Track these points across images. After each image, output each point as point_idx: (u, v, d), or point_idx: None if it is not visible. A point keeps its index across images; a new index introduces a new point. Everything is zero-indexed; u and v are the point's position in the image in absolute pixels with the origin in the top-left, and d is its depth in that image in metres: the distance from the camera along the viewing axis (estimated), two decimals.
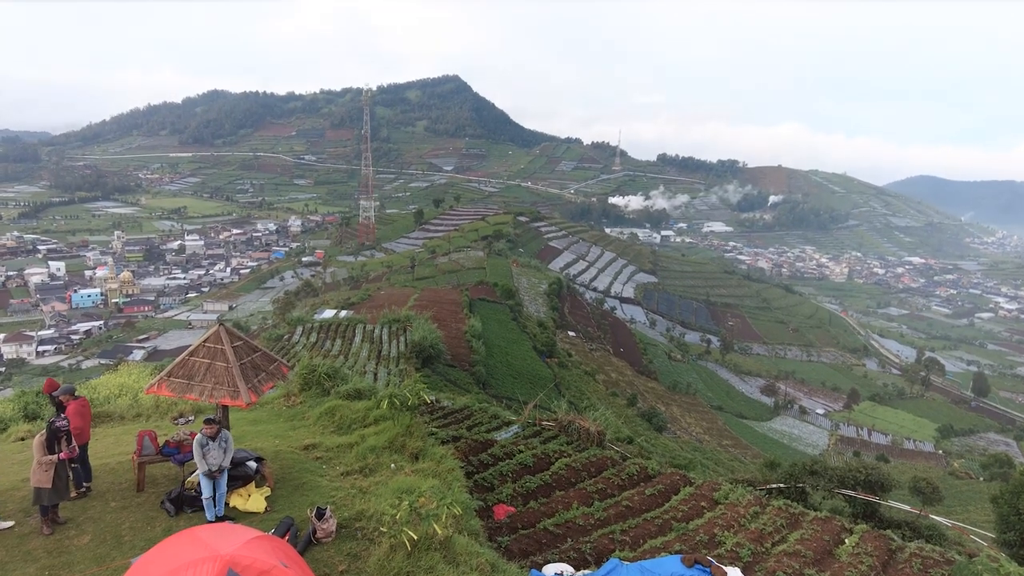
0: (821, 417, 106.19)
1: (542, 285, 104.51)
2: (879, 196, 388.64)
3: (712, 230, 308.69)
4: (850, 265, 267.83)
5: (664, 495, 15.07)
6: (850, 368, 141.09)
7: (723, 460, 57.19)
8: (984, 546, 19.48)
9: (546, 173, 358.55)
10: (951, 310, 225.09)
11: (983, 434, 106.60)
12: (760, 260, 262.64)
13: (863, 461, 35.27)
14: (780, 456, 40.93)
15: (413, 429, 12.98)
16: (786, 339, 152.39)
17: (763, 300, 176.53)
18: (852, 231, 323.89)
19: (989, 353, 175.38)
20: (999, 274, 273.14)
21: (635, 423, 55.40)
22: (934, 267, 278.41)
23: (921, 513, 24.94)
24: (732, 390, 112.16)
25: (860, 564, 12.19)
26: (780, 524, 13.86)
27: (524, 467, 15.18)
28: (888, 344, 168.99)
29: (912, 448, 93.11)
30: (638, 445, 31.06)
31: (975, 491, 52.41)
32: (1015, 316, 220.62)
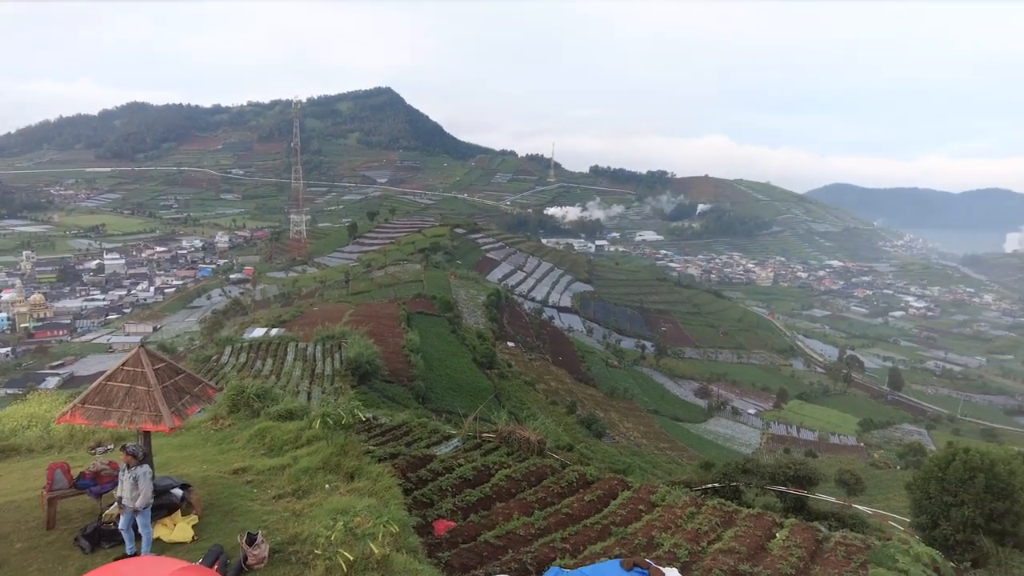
0: (753, 417, 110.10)
1: (481, 297, 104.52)
2: (800, 203, 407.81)
3: (644, 239, 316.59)
4: (775, 269, 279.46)
5: (603, 500, 15.26)
6: (778, 368, 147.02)
7: (661, 463, 58.40)
8: (900, 530, 20.60)
9: (482, 185, 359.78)
10: (868, 310, 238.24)
11: (899, 425, 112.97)
12: (690, 267, 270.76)
13: (792, 457, 36.80)
14: (715, 456, 42.27)
15: (348, 448, 12.71)
16: (717, 342, 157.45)
17: (694, 305, 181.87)
18: (776, 237, 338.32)
19: (902, 349, 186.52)
20: (908, 275, 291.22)
21: (575, 430, 55.91)
22: (852, 270, 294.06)
23: (845, 504, 26.16)
24: (667, 394, 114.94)
25: (790, 556, 12.65)
26: (715, 523, 14.25)
27: (464, 481, 15.08)
28: (813, 344, 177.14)
29: (837, 442, 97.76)
30: (578, 452, 31.34)
31: (893, 479, 55.46)
32: (923, 314, 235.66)
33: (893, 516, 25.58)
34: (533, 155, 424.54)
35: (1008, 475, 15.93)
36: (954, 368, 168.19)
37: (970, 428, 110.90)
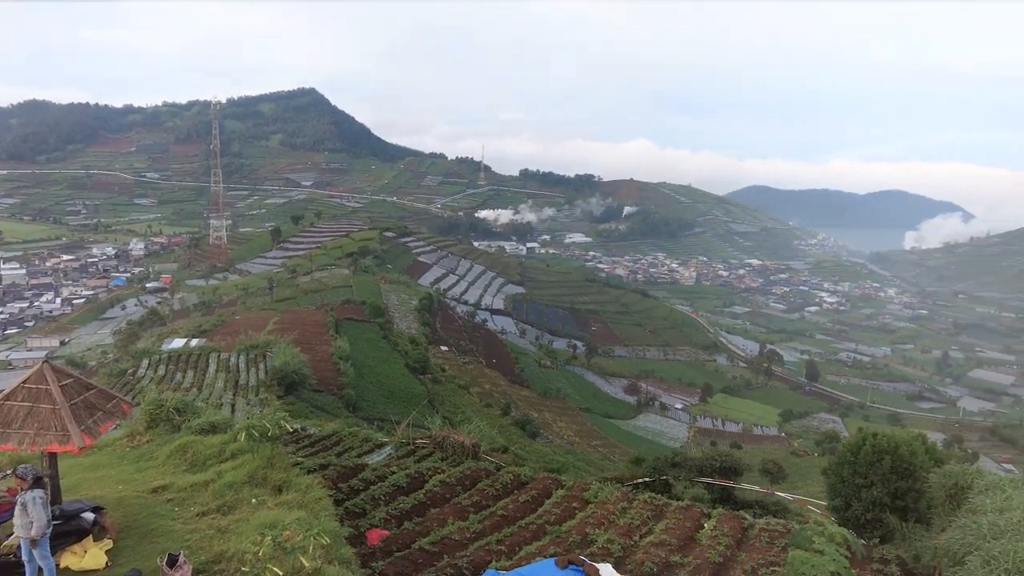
0: (680, 411, 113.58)
1: (412, 301, 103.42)
2: (721, 205, 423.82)
3: (574, 241, 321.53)
4: (698, 269, 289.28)
5: (538, 500, 15.40)
6: (703, 364, 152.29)
7: (594, 460, 59.40)
8: (818, 513, 21.71)
9: (412, 188, 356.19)
10: (785, 306, 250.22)
11: (816, 415, 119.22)
12: (618, 268, 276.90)
13: (718, 450, 38.15)
14: (645, 452, 43.29)
15: (275, 460, 12.31)
16: (645, 341, 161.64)
17: (622, 305, 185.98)
18: (699, 237, 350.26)
19: (818, 342, 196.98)
20: (822, 272, 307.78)
21: (510, 432, 56.11)
22: (770, 268, 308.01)
23: (768, 492, 27.36)
24: (599, 392, 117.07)
25: (718, 545, 13.12)
26: (647, 516, 14.62)
27: (398, 488, 14.88)
28: (735, 340, 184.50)
29: (760, 433, 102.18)
30: (513, 454, 31.47)
31: (812, 466, 58.36)
32: (835, 308, 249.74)
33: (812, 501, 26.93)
34: (463, 158, 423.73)
35: (910, 456, 17.03)
36: (863, 359, 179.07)
37: (878, 414, 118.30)
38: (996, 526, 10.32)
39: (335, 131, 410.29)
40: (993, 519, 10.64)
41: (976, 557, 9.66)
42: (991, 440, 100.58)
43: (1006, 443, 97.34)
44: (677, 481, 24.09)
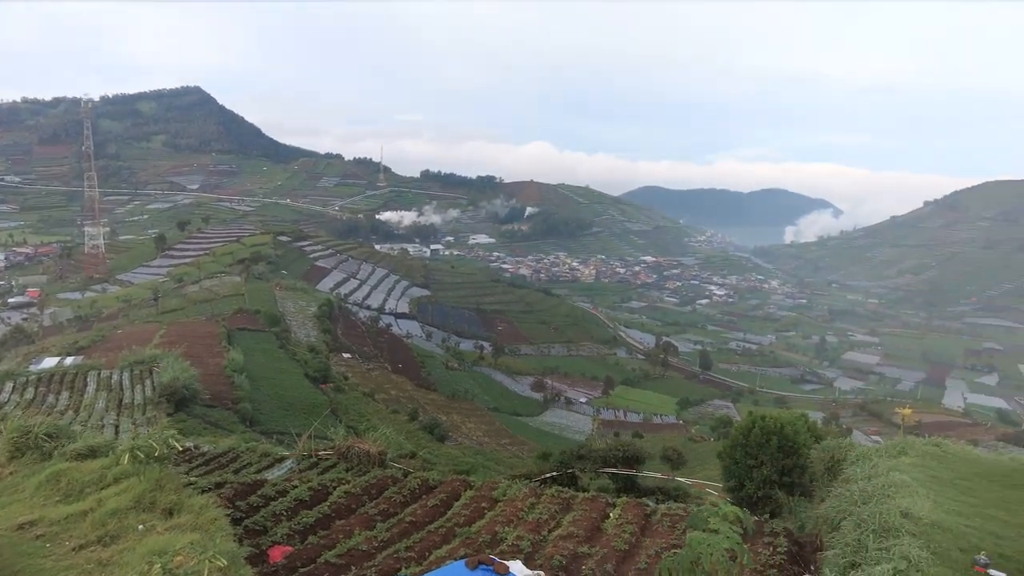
0: (584, 405, 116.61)
1: (311, 308, 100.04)
2: (616, 205, 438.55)
3: (478, 242, 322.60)
4: (597, 267, 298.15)
5: (447, 503, 15.30)
6: (605, 358, 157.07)
7: (503, 459, 59.80)
8: (715, 495, 22.89)
9: (307, 190, 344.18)
10: (679, 299, 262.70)
11: (711, 401, 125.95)
12: (521, 267, 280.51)
13: (621, 440, 39.53)
14: (552, 446, 44.11)
15: (164, 482, 11.49)
16: (550, 338, 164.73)
17: (527, 304, 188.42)
18: (596, 237, 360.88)
19: (709, 333, 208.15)
20: (711, 267, 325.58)
21: (418, 437, 55.48)
22: (663, 264, 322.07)
23: (669, 477, 28.58)
24: (506, 391, 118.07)
25: (623, 533, 13.55)
26: (555, 510, 14.86)
27: (300, 503, 14.32)
28: (633, 333, 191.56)
29: (660, 422, 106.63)
30: (421, 459, 31.10)
31: (709, 450, 61.50)
32: (724, 300, 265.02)
33: (710, 483, 28.36)
34: (362, 159, 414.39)
35: (794, 435, 18.34)
36: (751, 346, 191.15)
37: (766, 398, 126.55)
38: (865, 492, 11.32)
39: (223, 132, 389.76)
40: (863, 486, 11.68)
41: (849, 522, 10.56)
42: (862, 415, 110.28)
43: (874, 417, 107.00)
44: (583, 473, 24.71)
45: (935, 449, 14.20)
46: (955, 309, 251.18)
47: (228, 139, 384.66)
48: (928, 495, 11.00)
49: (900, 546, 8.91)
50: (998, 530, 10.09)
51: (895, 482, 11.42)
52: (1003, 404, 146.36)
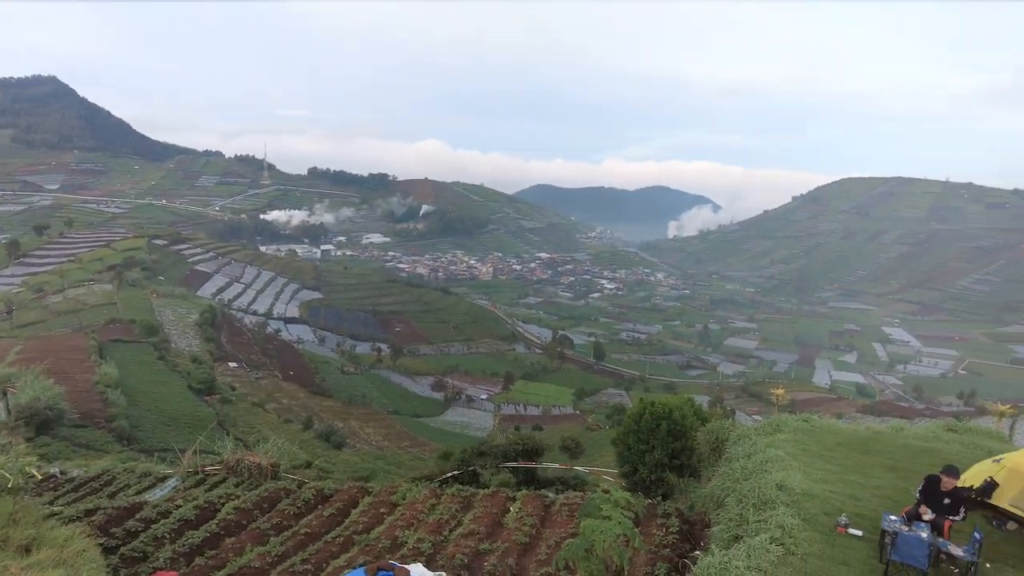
0: (485, 401, 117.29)
1: (192, 315, 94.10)
2: (511, 203, 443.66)
3: (372, 241, 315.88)
4: (494, 264, 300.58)
5: (344, 511, 14.88)
6: (504, 354, 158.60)
7: (405, 462, 58.96)
8: (611, 481, 23.70)
9: (184, 190, 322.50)
10: (573, 294, 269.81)
11: (605, 391, 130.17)
12: (418, 267, 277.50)
13: (521, 434, 39.92)
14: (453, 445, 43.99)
15: (19, 515, 10.36)
16: (449, 337, 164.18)
17: (425, 304, 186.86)
18: (493, 235, 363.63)
19: (602, 325, 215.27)
20: (601, 262, 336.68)
21: (313, 446, 53.62)
22: (557, 260, 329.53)
23: (567, 467, 29.29)
24: (406, 392, 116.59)
25: (524, 525, 13.73)
26: (455, 510, 14.82)
27: (185, 523, 13.42)
28: (531, 328, 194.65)
29: (558, 413, 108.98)
30: (317, 468, 30.09)
31: (605, 438, 63.55)
32: (615, 293, 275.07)
33: (606, 470, 29.31)
34: (244, 156, 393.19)
35: (682, 419, 19.28)
36: (641, 336, 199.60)
37: (657, 384, 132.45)
38: (745, 469, 12.15)
39: (86, 127, 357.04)
40: (743, 463, 12.53)
41: (732, 498, 11.29)
42: (743, 397, 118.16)
43: (755, 397, 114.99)
44: (484, 470, 24.80)
45: (804, 424, 15.45)
46: (821, 295, 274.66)
47: (92, 135, 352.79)
48: (799, 467, 11.96)
49: (776, 516, 9.62)
50: (856, 493, 11.14)
51: (771, 457, 12.32)
52: (861, 379, 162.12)
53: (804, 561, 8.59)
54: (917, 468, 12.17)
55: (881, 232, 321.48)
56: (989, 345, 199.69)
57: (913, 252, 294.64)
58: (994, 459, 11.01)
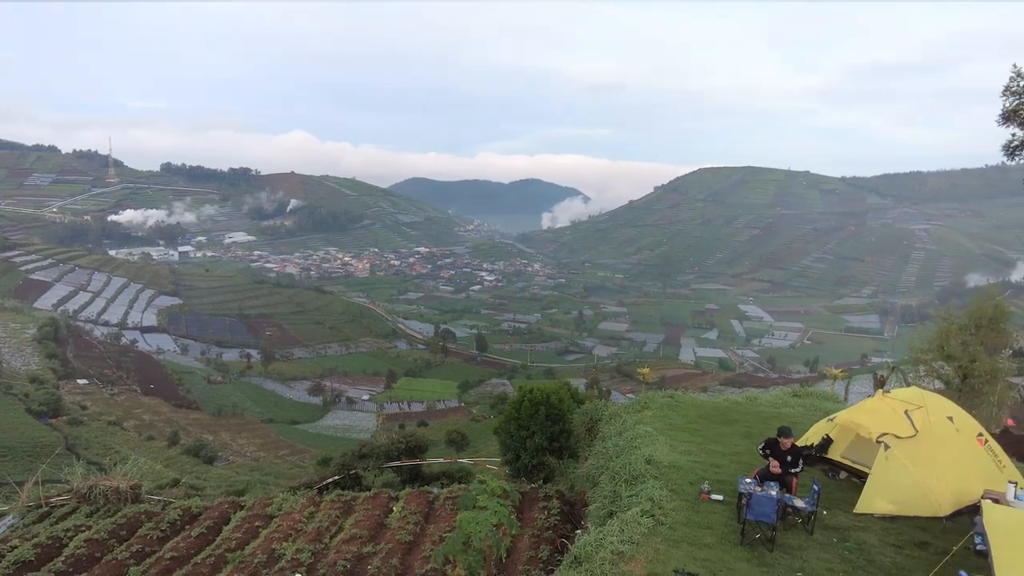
0: (367, 402, 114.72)
1: (28, 330, 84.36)
2: (386, 197, 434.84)
3: (235, 241, 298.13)
4: (371, 260, 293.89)
5: (215, 530, 13.99)
6: (385, 352, 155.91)
7: (283, 471, 56.54)
8: (496, 471, 24.03)
9: (11, 189, 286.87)
10: (453, 287, 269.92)
11: (489, 381, 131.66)
12: (288, 266, 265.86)
13: (404, 431, 39.45)
14: (334, 450, 42.69)
15: None
16: (325, 338, 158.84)
17: (297, 305, 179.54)
18: (368, 230, 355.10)
19: (483, 317, 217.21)
20: (480, 254, 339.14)
21: (181, 463, 50.04)
22: (436, 254, 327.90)
23: (452, 461, 29.35)
24: (281, 399, 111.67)
25: (407, 524, 13.60)
26: (335, 515, 14.39)
27: (24, 565, 12.02)
28: (412, 324, 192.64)
29: (443, 407, 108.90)
30: (185, 486, 28.12)
31: (490, 428, 64.39)
32: (494, 285, 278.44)
33: (491, 460, 29.71)
34: (84, 151, 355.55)
35: (559, 403, 19.92)
36: (521, 326, 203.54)
37: (538, 371, 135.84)
38: (617, 446, 12.76)
39: None
40: (615, 441, 13.15)
41: (605, 475, 11.83)
42: (618, 377, 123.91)
43: (627, 377, 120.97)
44: (367, 472, 24.29)
45: (670, 400, 16.47)
46: (683, 278, 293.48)
47: None
48: (666, 441, 12.74)
49: (646, 490, 10.20)
50: (717, 461, 12.06)
51: (640, 434, 13.02)
52: (723, 354, 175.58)
53: (672, 529, 9.18)
54: (769, 433, 13.34)
55: (734, 218, 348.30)
56: (828, 316, 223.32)
57: (762, 235, 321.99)
58: (828, 418, 12.34)
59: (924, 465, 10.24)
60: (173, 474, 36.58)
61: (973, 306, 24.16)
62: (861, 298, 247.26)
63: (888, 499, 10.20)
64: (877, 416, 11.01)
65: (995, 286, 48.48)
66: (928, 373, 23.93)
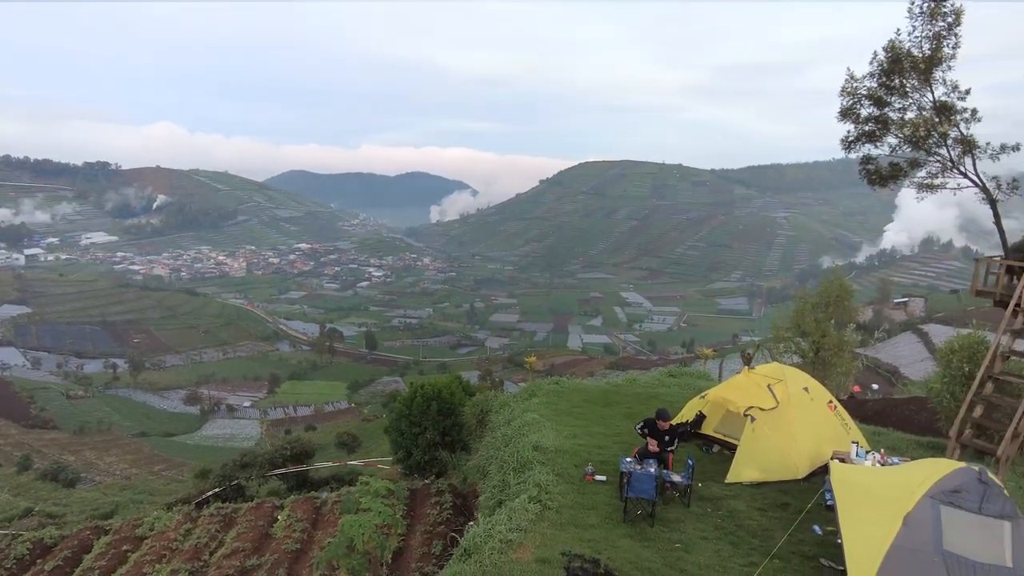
0: (250, 409, 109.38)
1: None
2: (262, 191, 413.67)
3: (93, 242, 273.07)
4: (247, 259, 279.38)
5: (74, 560, 12.77)
6: (267, 355, 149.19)
7: (158, 488, 52.62)
8: (387, 470, 23.66)
9: None
10: (339, 285, 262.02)
11: (380, 380, 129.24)
12: (156, 267, 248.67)
13: (290, 437, 37.98)
14: (215, 461, 40.28)
15: None
16: (200, 343, 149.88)
17: (168, 309, 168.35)
18: (243, 226, 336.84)
19: (372, 314, 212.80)
20: (367, 250, 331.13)
21: (35, 489, 45.29)
22: (319, 250, 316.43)
23: (341, 463, 28.59)
24: (153, 411, 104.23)
25: (294, 533, 13.08)
26: (215, 530, 13.59)
27: None
28: (295, 325, 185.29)
29: (332, 409, 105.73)
30: (40, 515, 25.61)
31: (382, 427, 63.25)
32: (383, 281, 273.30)
33: (382, 459, 29.19)
34: None
35: (450, 396, 19.91)
36: (412, 321, 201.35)
37: (430, 366, 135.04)
38: (506, 435, 12.92)
39: None
40: (504, 431, 13.31)
41: (494, 465, 11.95)
42: (510, 367, 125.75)
43: (519, 367, 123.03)
44: (250, 481, 23.16)
45: (555, 386, 16.91)
46: (569, 268, 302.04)
47: None
48: (552, 427, 13.05)
49: (533, 476, 10.40)
50: (600, 443, 12.52)
51: (528, 421, 13.26)
52: (607, 340, 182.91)
53: (559, 513, 9.42)
54: (648, 412, 14.03)
55: (614, 210, 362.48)
56: (701, 300, 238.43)
57: (640, 226, 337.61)
58: (700, 396, 13.15)
59: (784, 433, 11.18)
60: (25, 503, 33.00)
61: (823, 286, 26.65)
62: (731, 282, 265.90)
63: (755, 467, 11.04)
64: (744, 391, 11.88)
65: (841, 267, 53.79)
66: (787, 349, 26.15)
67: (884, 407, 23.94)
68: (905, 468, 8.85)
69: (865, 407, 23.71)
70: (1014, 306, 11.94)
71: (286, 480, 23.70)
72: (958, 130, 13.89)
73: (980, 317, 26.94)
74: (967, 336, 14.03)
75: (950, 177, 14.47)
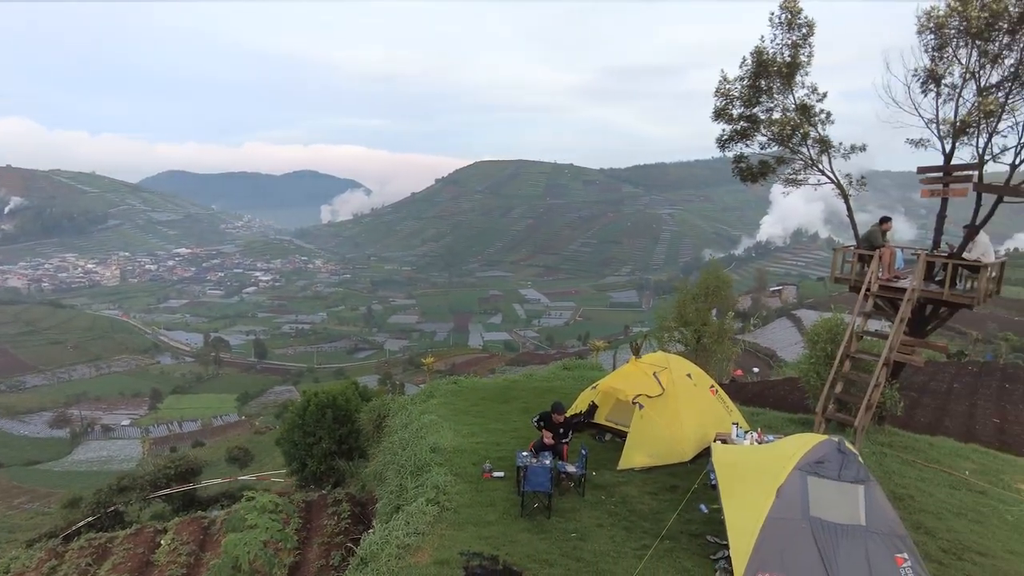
0: (129, 428, 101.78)
1: None
2: (136, 193, 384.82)
3: None
4: (120, 266, 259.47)
5: None
6: (146, 369, 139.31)
7: (20, 523, 47.81)
8: (282, 483, 22.69)
9: None
10: (223, 291, 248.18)
11: (272, 389, 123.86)
12: (11, 278, 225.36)
13: (174, 455, 35.55)
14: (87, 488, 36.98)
15: None
16: (68, 359, 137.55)
17: (27, 323, 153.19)
18: (115, 231, 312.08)
19: (261, 320, 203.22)
20: (253, 253, 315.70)
21: None
22: (201, 255, 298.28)
23: (231, 479, 27.12)
24: (11, 438, 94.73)
25: (179, 557, 12.28)
26: (86, 564, 12.49)
27: None
28: (177, 335, 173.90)
29: (222, 423, 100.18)
30: None
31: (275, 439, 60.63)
32: (272, 285, 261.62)
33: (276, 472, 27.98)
34: None
35: (346, 403, 19.38)
36: (305, 327, 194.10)
37: (326, 373, 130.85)
38: (403, 439, 12.75)
39: None
40: (401, 435, 13.12)
41: (392, 470, 11.76)
42: (411, 369, 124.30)
43: (419, 368, 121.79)
44: (129, 507, 21.50)
45: (454, 386, 16.88)
46: (467, 267, 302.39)
47: None
48: (450, 427, 13.02)
49: (431, 478, 10.32)
50: (498, 439, 12.62)
51: (426, 423, 13.15)
52: (507, 336, 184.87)
53: (457, 513, 9.41)
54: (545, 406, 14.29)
55: (510, 208, 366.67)
56: (595, 295, 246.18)
57: (535, 224, 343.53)
58: (592, 386, 13.57)
59: (671, 419, 11.75)
60: None
61: (702, 278, 28.32)
62: (622, 276, 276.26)
63: (645, 453, 11.53)
64: (631, 380, 12.38)
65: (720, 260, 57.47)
66: (671, 338, 27.55)
67: (762, 389, 25.81)
68: (778, 444, 9.56)
69: (745, 390, 25.45)
70: (864, 290, 13.22)
71: (171, 501, 22.21)
72: (816, 130, 15.16)
73: (840, 302, 29.69)
74: (828, 320, 15.37)
75: (811, 174, 15.75)
